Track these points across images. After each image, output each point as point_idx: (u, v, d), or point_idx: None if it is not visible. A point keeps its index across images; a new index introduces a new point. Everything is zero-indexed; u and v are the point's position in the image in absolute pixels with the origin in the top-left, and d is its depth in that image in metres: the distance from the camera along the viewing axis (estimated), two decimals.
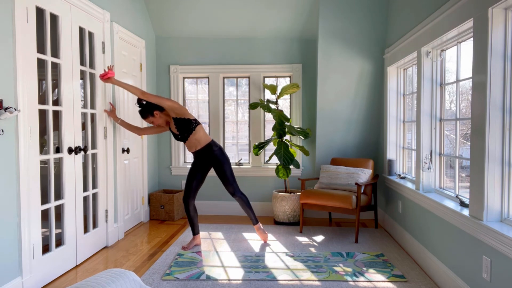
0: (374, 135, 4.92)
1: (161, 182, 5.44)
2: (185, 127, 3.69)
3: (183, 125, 3.69)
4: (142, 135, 4.14)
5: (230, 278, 3.09)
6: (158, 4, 4.90)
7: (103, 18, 3.79)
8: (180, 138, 3.78)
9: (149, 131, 4.04)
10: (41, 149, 3.05)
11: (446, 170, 3.40)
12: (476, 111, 2.47)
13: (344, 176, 4.35)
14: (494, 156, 2.35)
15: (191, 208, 3.86)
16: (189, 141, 3.75)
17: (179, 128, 3.72)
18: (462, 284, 2.61)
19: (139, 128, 4.03)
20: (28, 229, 2.76)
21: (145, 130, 4.05)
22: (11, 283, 2.61)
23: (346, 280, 3.06)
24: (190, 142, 3.75)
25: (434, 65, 3.41)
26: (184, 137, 3.75)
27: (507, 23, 2.33)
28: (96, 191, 3.75)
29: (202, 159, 3.80)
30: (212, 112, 5.31)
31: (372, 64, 4.84)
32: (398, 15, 4.29)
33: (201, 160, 3.82)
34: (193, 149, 3.79)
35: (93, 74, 3.71)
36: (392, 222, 4.32)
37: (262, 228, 4.02)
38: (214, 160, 3.78)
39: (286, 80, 5.40)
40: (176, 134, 3.80)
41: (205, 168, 3.87)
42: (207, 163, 3.83)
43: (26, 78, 2.73)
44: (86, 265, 3.39)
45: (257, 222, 4.00)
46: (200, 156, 3.79)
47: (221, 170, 3.79)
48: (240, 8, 4.90)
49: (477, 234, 2.43)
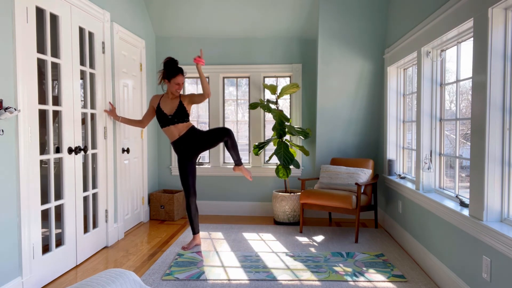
0: (374, 135, 4.92)
1: (161, 182, 5.44)
2: (182, 114, 3.73)
3: (182, 113, 3.73)
4: (145, 126, 4.09)
5: (230, 278, 3.09)
6: (158, 4, 4.90)
7: (103, 18, 3.79)
8: (170, 120, 3.73)
9: (148, 119, 4.01)
10: (42, 149, 3.04)
11: (446, 170, 3.41)
12: (476, 111, 2.47)
13: (344, 176, 4.35)
14: (494, 156, 2.35)
15: (193, 207, 3.86)
16: (176, 126, 3.74)
17: (177, 113, 3.72)
18: (462, 284, 2.61)
19: (140, 121, 4.03)
20: (28, 229, 2.76)
21: (145, 120, 4.01)
22: (11, 283, 2.61)
23: (346, 280, 3.06)
24: (177, 127, 3.74)
25: (434, 65, 3.41)
26: (174, 122, 3.73)
27: (507, 23, 2.33)
28: (96, 191, 3.75)
29: (185, 142, 3.77)
30: (212, 112, 5.31)
31: (372, 64, 4.84)
32: (398, 15, 4.29)
33: (184, 145, 3.77)
34: (177, 135, 3.76)
35: (93, 74, 3.71)
36: (392, 222, 4.32)
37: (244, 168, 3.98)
38: (195, 136, 3.77)
39: (286, 80, 5.40)
40: (165, 114, 3.74)
41: (190, 156, 3.81)
42: (190, 145, 3.78)
43: (26, 78, 2.73)
44: (86, 265, 3.39)
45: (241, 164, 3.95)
46: (183, 140, 3.76)
47: (203, 134, 3.78)
48: (240, 8, 4.90)
49: (477, 234, 2.43)
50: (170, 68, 3.69)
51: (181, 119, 3.74)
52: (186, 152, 3.80)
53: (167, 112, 3.75)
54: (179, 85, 3.72)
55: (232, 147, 3.82)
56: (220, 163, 5.36)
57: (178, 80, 3.69)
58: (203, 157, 5.48)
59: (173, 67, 3.69)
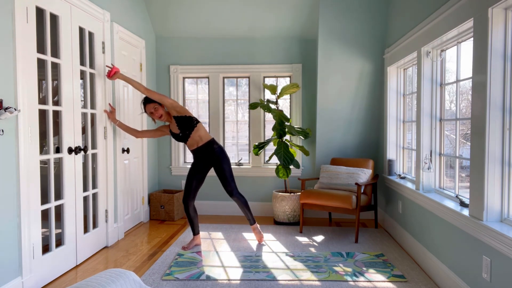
0: (374, 135, 4.92)
1: (161, 182, 5.44)
2: (186, 124, 3.72)
3: (185, 123, 3.71)
4: (140, 137, 4.10)
5: (230, 278, 3.09)
6: (158, 4, 4.90)
7: (103, 18, 3.79)
8: (182, 136, 3.77)
9: (147, 134, 3.99)
10: (41, 149, 3.04)
11: (446, 170, 3.41)
12: (476, 111, 2.47)
13: (344, 176, 4.35)
14: (494, 156, 2.35)
15: (191, 209, 3.87)
16: (191, 138, 3.75)
17: (180, 126, 3.73)
18: (462, 284, 2.61)
19: (137, 131, 3.98)
20: (28, 229, 2.76)
21: (143, 133, 3.99)
22: (11, 283, 2.61)
23: (346, 280, 3.06)
24: (192, 139, 3.76)
25: (434, 65, 3.41)
26: (186, 135, 3.74)
27: (507, 23, 2.33)
28: (96, 191, 3.75)
29: (203, 156, 3.80)
30: (212, 112, 5.31)
31: (372, 64, 4.84)
32: (398, 15, 4.29)
33: (201, 158, 3.82)
34: (195, 146, 3.78)
35: (93, 74, 3.71)
36: (392, 222, 4.32)
37: (258, 229, 4.03)
38: (214, 157, 3.78)
39: (286, 80, 5.40)
40: (177, 134, 3.79)
41: (205, 167, 3.86)
42: (207, 161, 3.82)
43: (26, 78, 2.73)
44: (86, 265, 3.39)
45: (254, 223, 4.01)
46: (200, 153, 3.79)
47: (221, 168, 3.79)
48: (240, 8, 4.90)
49: (477, 234, 2.43)
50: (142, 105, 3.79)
51: (188, 128, 3.73)
52: (202, 163, 3.84)
53: (176, 132, 3.79)
54: (153, 113, 3.75)
55: (240, 207, 3.96)
56: None
57: (148, 110, 3.75)
58: None
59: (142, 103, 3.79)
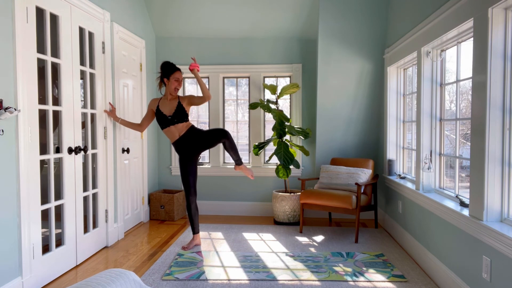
0: (374, 135, 4.92)
1: (161, 182, 5.44)
2: (181, 114, 3.77)
3: (181, 113, 3.77)
4: (143, 129, 4.11)
5: (230, 278, 3.09)
6: (158, 4, 4.90)
7: (103, 18, 3.79)
8: (169, 119, 3.77)
9: (146, 123, 4.03)
10: (42, 149, 3.04)
11: (446, 170, 3.40)
12: (476, 111, 2.47)
13: (344, 176, 4.35)
14: (494, 156, 2.35)
15: (193, 206, 3.87)
16: (176, 126, 3.78)
17: (176, 113, 3.76)
18: (462, 284, 2.61)
19: (139, 124, 4.04)
20: (28, 229, 2.75)
21: (143, 125, 4.04)
22: (11, 283, 2.61)
23: (346, 280, 3.06)
24: (177, 127, 3.79)
25: (434, 65, 3.41)
26: (173, 122, 3.77)
27: (507, 23, 2.33)
28: (96, 191, 3.75)
29: (185, 142, 3.80)
30: (212, 112, 5.31)
31: (372, 64, 4.84)
32: (398, 15, 4.29)
33: (184, 146, 3.81)
34: (177, 135, 3.80)
35: (93, 74, 3.71)
36: (392, 222, 4.32)
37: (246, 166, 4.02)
38: (195, 135, 3.80)
39: (286, 80, 5.40)
40: (165, 115, 3.78)
41: (191, 153, 3.83)
42: (189, 143, 3.81)
43: (26, 78, 2.73)
44: (86, 265, 3.39)
45: (241, 163, 3.99)
46: (183, 140, 3.80)
47: (200, 133, 3.81)
48: (240, 8, 4.90)
49: (477, 234, 2.43)
50: (168, 67, 3.80)
51: (181, 119, 3.78)
52: (187, 152, 3.82)
53: (166, 113, 3.78)
54: (179, 81, 3.80)
55: (231, 148, 3.86)
56: (220, 163, 5.36)
57: (177, 75, 3.79)
58: (203, 157, 5.48)
59: (171, 65, 3.82)
